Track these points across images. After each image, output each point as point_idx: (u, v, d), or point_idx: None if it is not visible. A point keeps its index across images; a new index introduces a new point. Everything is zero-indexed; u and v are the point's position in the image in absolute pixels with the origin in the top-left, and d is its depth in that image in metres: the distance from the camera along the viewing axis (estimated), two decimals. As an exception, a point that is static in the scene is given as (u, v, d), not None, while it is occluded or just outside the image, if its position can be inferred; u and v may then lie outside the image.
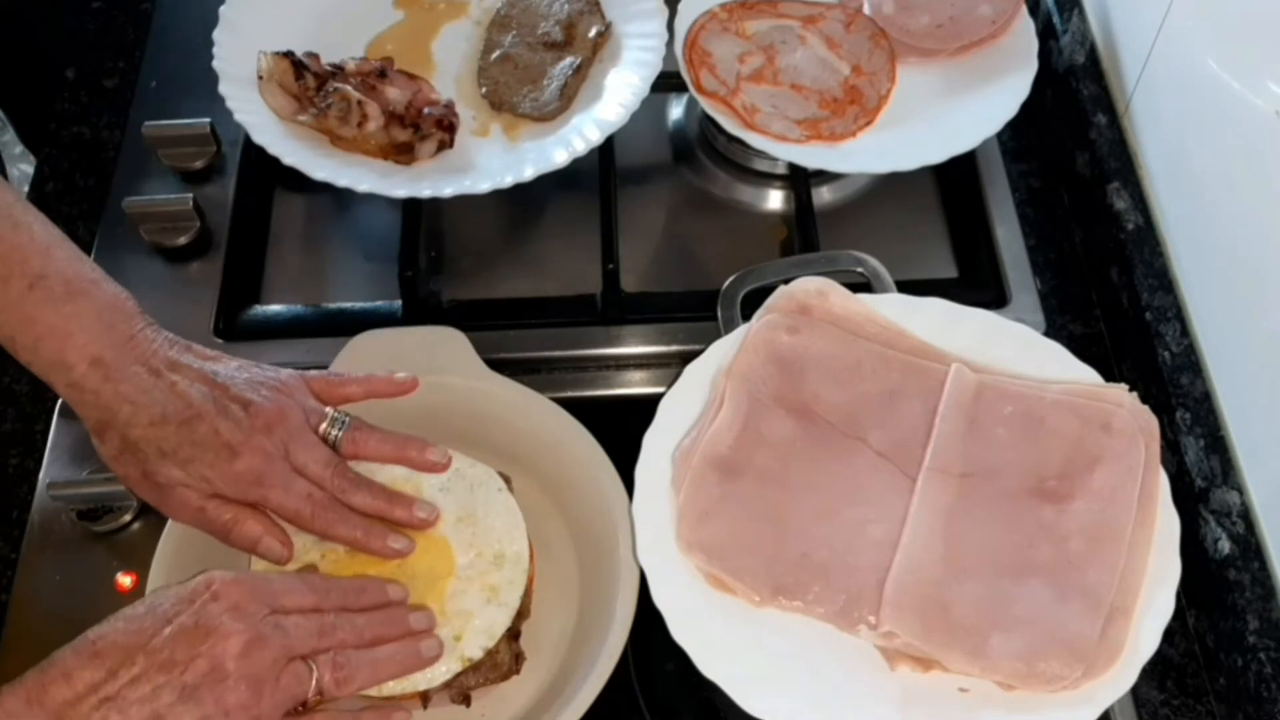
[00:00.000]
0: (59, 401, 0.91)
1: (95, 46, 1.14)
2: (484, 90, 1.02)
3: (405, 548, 0.75)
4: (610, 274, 0.96)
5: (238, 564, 0.75)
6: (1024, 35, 1.04)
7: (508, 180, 0.93)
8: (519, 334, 0.94)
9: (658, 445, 0.76)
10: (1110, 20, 1.03)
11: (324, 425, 0.75)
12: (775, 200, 1.05)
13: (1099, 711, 0.67)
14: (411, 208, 0.99)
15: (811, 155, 0.98)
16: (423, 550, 0.76)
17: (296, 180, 0.92)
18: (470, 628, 0.74)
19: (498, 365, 0.84)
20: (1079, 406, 0.76)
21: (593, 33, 1.03)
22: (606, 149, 1.01)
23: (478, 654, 0.73)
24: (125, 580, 0.83)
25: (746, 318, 0.83)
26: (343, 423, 0.76)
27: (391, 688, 0.71)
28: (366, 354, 0.84)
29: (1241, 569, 0.79)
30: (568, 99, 1.01)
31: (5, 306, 0.69)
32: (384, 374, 0.79)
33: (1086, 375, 0.79)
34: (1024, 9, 1.05)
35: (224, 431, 0.70)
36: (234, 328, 0.96)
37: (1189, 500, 0.83)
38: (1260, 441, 0.81)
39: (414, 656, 0.71)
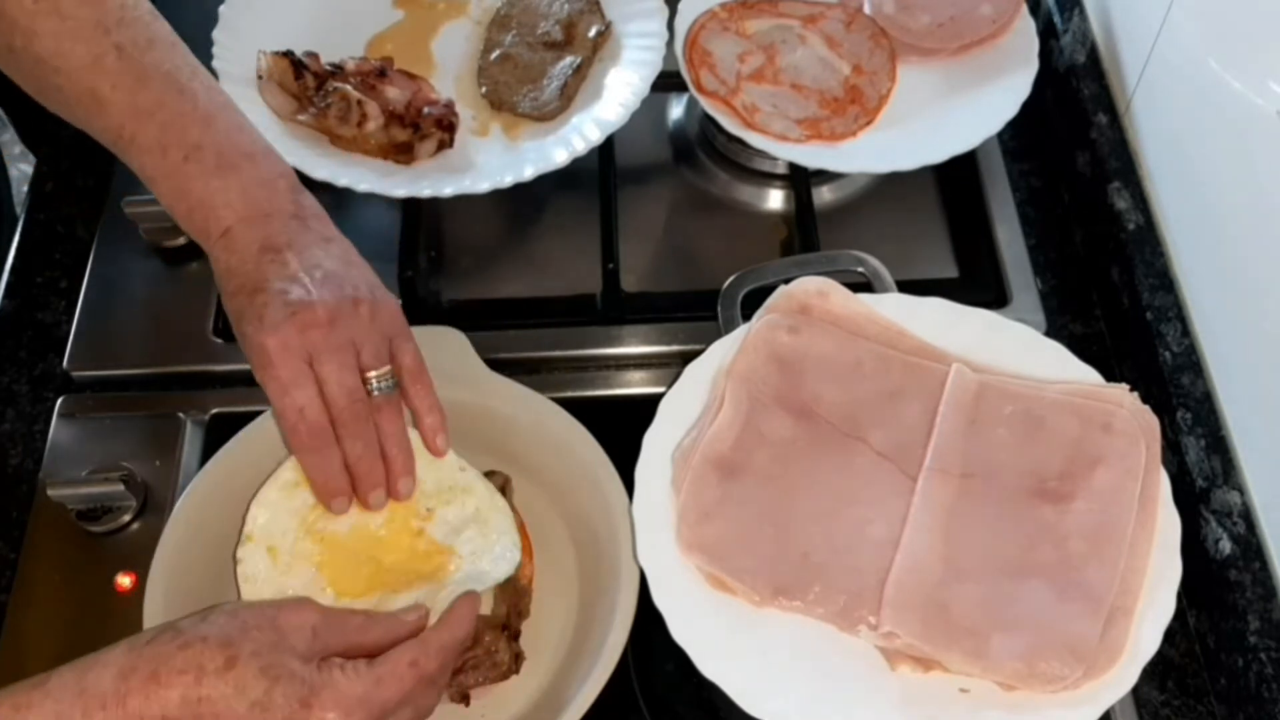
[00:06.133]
0: (59, 401, 0.91)
1: (95, 46, 1.14)
2: (484, 90, 1.02)
3: (381, 503, 0.74)
4: (610, 274, 0.96)
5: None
6: (1024, 34, 1.04)
7: (508, 180, 0.93)
8: (519, 334, 0.94)
9: (658, 445, 0.76)
10: (1111, 20, 1.03)
11: (372, 375, 0.73)
12: (775, 200, 1.05)
13: (1100, 712, 0.67)
14: (411, 208, 0.99)
15: (811, 155, 0.98)
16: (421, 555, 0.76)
17: (296, 180, 0.92)
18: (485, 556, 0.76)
19: (498, 365, 0.84)
20: (1079, 406, 0.76)
21: (593, 32, 1.03)
22: (606, 149, 1.00)
23: (506, 571, 0.75)
24: (125, 580, 0.82)
25: (747, 318, 0.82)
26: (389, 384, 0.73)
27: None
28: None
29: (1242, 569, 0.79)
30: (568, 98, 1.00)
31: (164, 176, 0.71)
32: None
33: (1087, 375, 0.79)
34: (1024, 8, 1.05)
35: (278, 307, 0.69)
36: (234, 328, 0.95)
37: (1190, 500, 0.83)
38: (1261, 441, 0.80)
39: None
